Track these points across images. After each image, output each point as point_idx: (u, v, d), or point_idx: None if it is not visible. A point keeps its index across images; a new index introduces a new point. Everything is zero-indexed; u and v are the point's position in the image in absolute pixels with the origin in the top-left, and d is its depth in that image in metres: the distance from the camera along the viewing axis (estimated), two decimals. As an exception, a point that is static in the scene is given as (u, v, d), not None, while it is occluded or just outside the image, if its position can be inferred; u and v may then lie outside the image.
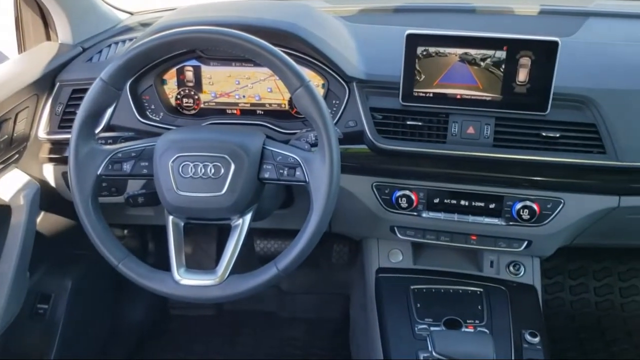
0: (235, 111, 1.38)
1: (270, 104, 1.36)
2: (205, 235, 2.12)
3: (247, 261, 1.09)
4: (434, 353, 1.03)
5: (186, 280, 1.03)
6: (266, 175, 1.04)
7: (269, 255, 2.01)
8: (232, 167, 1.02)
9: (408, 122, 1.24)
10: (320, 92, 1.30)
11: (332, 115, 1.27)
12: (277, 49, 1.00)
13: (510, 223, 1.27)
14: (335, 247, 2.10)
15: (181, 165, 1.02)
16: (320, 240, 2.15)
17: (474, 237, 1.34)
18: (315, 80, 1.31)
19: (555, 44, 1.12)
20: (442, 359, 1.02)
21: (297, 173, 1.03)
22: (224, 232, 1.16)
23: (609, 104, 1.18)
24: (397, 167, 1.28)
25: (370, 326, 1.37)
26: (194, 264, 1.08)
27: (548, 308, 2.10)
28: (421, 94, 1.21)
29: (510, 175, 1.23)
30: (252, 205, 1.07)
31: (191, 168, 1.02)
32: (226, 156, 1.02)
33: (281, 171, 1.03)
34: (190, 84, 1.37)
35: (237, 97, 1.37)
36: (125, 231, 1.95)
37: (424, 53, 1.18)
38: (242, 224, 1.06)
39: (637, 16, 1.53)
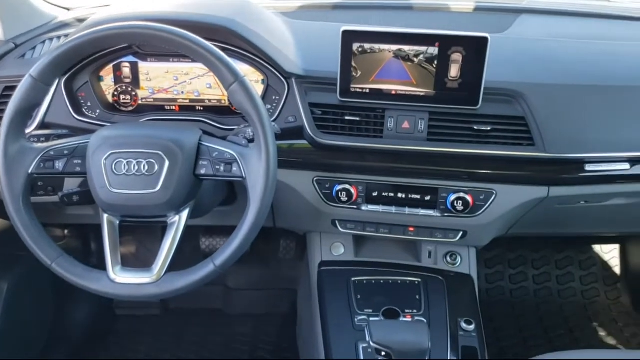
0: (174, 107, 1.37)
1: (209, 100, 1.36)
2: (150, 234, 2.10)
3: (196, 260, 1.08)
4: (371, 343, 1.05)
5: (122, 279, 1.02)
6: (202, 172, 1.04)
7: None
8: (167, 163, 1.01)
9: (346, 118, 1.25)
10: (259, 88, 1.31)
11: (271, 110, 1.28)
12: (210, 44, 1.00)
13: (446, 214, 1.31)
14: (282, 243, 2.11)
15: (114, 163, 1.01)
16: (267, 236, 2.17)
17: (412, 229, 1.37)
18: (254, 76, 1.31)
19: (485, 40, 1.15)
20: (380, 349, 1.04)
21: (234, 169, 1.03)
22: None
23: (537, 97, 1.22)
24: (337, 162, 1.29)
25: (313, 319, 1.39)
26: (138, 264, 1.08)
27: (489, 297, 2.17)
28: (358, 90, 1.23)
29: (444, 168, 1.27)
30: (188, 202, 1.07)
31: (124, 165, 1.01)
32: (160, 152, 1.01)
33: (217, 167, 1.03)
34: (128, 81, 1.35)
35: (175, 93, 1.36)
36: (66, 231, 1.91)
37: (360, 49, 1.20)
38: (179, 221, 1.06)
39: (567, 13, 1.59)
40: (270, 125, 1.00)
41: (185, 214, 1.07)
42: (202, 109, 1.36)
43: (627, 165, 1.25)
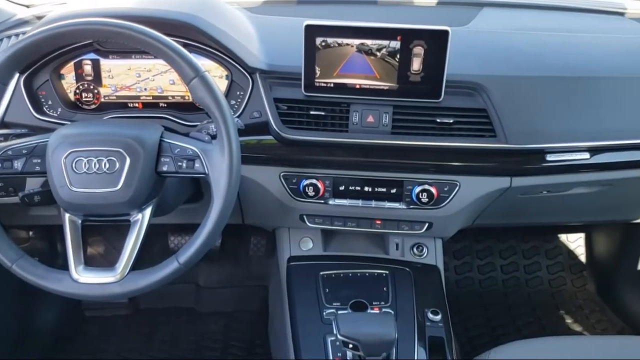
0: (137, 104, 1.35)
1: (173, 97, 1.35)
2: (118, 233, 2.07)
3: (165, 258, 1.07)
4: (338, 336, 1.05)
5: (85, 279, 1.01)
6: (164, 169, 1.03)
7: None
8: (128, 161, 1.00)
9: (311, 112, 1.26)
10: (223, 83, 1.30)
11: (236, 106, 1.28)
12: (169, 40, 0.99)
13: (411, 206, 1.32)
14: (253, 240, 2.11)
15: (74, 161, 1.00)
16: (237, 233, 2.16)
17: (379, 222, 1.38)
18: (218, 72, 1.31)
19: (446, 33, 1.16)
20: (347, 341, 1.05)
21: (196, 165, 1.02)
22: None
23: (498, 89, 1.24)
24: (303, 157, 1.30)
25: (283, 314, 1.39)
26: (106, 264, 1.06)
27: (458, 288, 2.20)
28: (322, 84, 1.24)
29: (409, 160, 1.28)
30: (151, 200, 1.06)
31: (85, 163, 1.00)
32: (121, 150, 1.00)
33: (179, 164, 1.03)
34: (89, 78, 1.33)
35: (138, 90, 1.34)
36: (31, 233, 1.87)
37: (323, 44, 1.20)
38: (142, 219, 1.05)
39: (527, 6, 1.62)
40: (233, 120, 1.00)
41: (148, 211, 1.06)
42: (165, 105, 1.35)
43: (587, 155, 1.28)
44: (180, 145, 1.04)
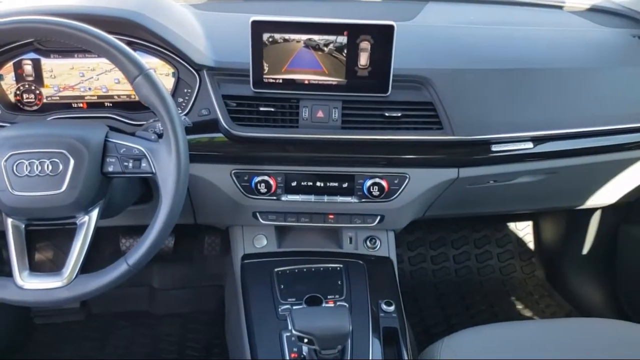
0: (81, 105, 1.32)
1: (119, 96, 1.32)
2: (67, 238, 2.01)
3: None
4: (293, 331, 1.06)
5: (30, 284, 0.98)
6: (110, 169, 1.01)
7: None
8: (72, 162, 0.98)
9: (261, 109, 1.25)
10: (170, 81, 1.28)
11: (184, 104, 1.26)
12: (111, 37, 0.97)
13: (363, 200, 1.33)
14: (207, 239, 2.09)
15: (15, 164, 0.97)
16: (190, 233, 2.13)
17: (332, 216, 1.39)
18: (164, 70, 1.28)
19: (392, 27, 1.18)
20: (302, 336, 1.05)
21: (143, 165, 1.01)
22: None
23: (443, 83, 1.26)
24: (254, 154, 1.29)
25: (238, 313, 1.38)
26: (56, 269, 1.03)
27: (413, 279, 2.24)
28: (271, 80, 1.23)
29: (359, 155, 1.29)
30: (98, 202, 1.04)
31: (26, 166, 0.97)
32: (64, 151, 0.98)
33: (126, 164, 1.01)
34: (30, 79, 1.28)
35: (82, 90, 1.31)
36: None
37: (270, 39, 1.19)
38: (89, 221, 1.03)
39: (471, 0, 1.66)
40: (179, 117, 0.99)
41: (95, 213, 1.03)
42: (111, 105, 1.32)
43: (530, 145, 1.32)
44: (126, 144, 1.02)
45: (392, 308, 1.31)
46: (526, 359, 1.22)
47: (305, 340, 1.06)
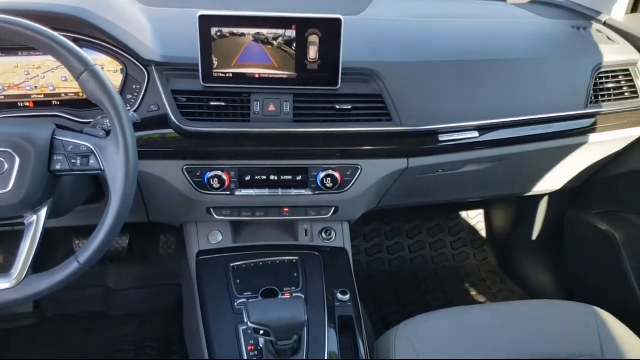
0: (27, 104, 1.29)
1: (66, 94, 1.29)
2: (17, 240, 1.96)
3: None
4: (249, 323, 1.06)
5: (-24, 287, 0.96)
6: (58, 167, 1.00)
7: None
8: (17, 161, 0.96)
9: (212, 103, 1.25)
10: (118, 77, 1.27)
11: (133, 100, 1.24)
12: (54, 33, 0.96)
13: (317, 192, 1.35)
14: (162, 238, 2.07)
15: None
16: (145, 232, 2.10)
17: (287, 209, 1.40)
18: (112, 66, 1.26)
19: (339, 21, 1.19)
20: (258, 328, 1.06)
21: (91, 162, 0.99)
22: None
23: (391, 75, 1.29)
24: (206, 149, 1.29)
25: (195, 309, 1.38)
26: (4, 272, 1.01)
27: (369, 269, 2.27)
28: (221, 75, 1.23)
29: (312, 147, 1.30)
30: (46, 201, 1.02)
31: None
32: (9, 150, 0.96)
33: (74, 161, 0.99)
34: (-29, 78, 1.25)
35: (28, 88, 1.27)
36: None
37: (219, 34, 1.19)
38: (37, 220, 1.01)
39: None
40: (127, 113, 0.98)
41: (43, 213, 1.01)
42: (58, 103, 1.29)
43: (476, 134, 1.36)
44: (73, 142, 1.00)
45: (347, 297, 1.33)
46: (478, 341, 1.26)
47: (261, 332, 1.07)
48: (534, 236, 2.14)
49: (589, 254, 1.92)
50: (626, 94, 1.50)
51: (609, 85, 1.48)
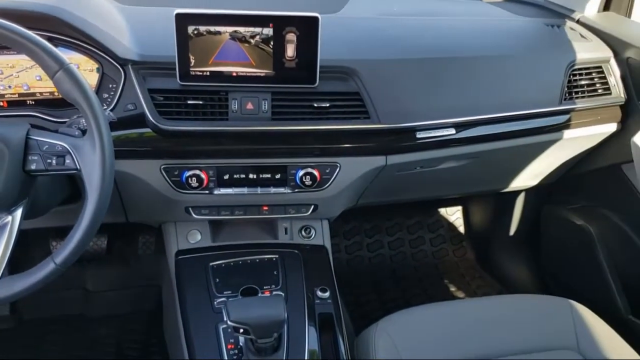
0: (1, 103, 1.27)
1: (41, 93, 1.28)
2: None
3: None
4: (229, 322, 1.06)
5: (-50, 290, 0.95)
6: (33, 167, 0.98)
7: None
8: None
9: (189, 102, 1.24)
10: (94, 76, 1.26)
11: (109, 99, 1.23)
12: (28, 32, 0.94)
13: (296, 190, 1.35)
14: (141, 238, 2.05)
15: None
16: (124, 233, 2.08)
17: (266, 208, 1.40)
18: (88, 65, 1.25)
19: (316, 19, 1.19)
20: (238, 326, 1.06)
21: (67, 161, 0.98)
22: None
23: (368, 73, 1.29)
24: (184, 148, 1.28)
25: (175, 308, 1.38)
26: None
27: (349, 267, 2.28)
28: (198, 73, 1.23)
29: (290, 145, 1.30)
30: (21, 201, 1.00)
31: None
32: None
33: (49, 161, 0.98)
34: (-57, 77, 1.23)
35: (1, 88, 1.26)
36: None
37: (195, 32, 1.19)
38: (12, 221, 0.99)
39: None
40: (102, 112, 0.97)
41: (18, 213, 1.00)
42: (33, 102, 1.28)
43: (452, 131, 1.37)
44: (49, 141, 0.99)
45: (327, 294, 1.34)
46: (456, 335, 1.28)
47: (241, 331, 1.07)
48: (512, 232, 2.17)
49: (565, 249, 1.95)
50: (599, 91, 1.53)
51: (583, 82, 1.50)
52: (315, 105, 1.27)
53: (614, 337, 1.30)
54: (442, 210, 2.41)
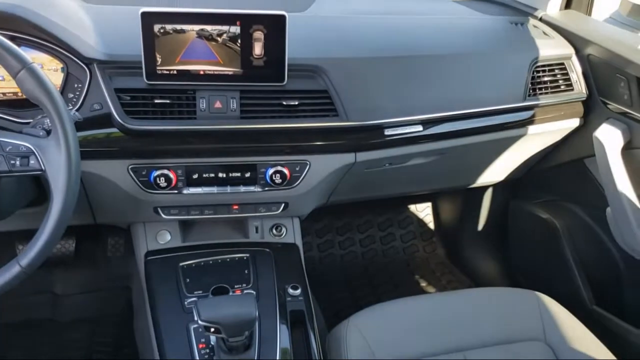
0: (-37, 104, 1.25)
1: (4, 94, 1.25)
2: None
3: None
4: (199, 321, 1.06)
5: None
6: None
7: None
8: None
9: (156, 101, 1.23)
10: (59, 76, 1.24)
11: (74, 99, 1.22)
12: None
13: (266, 188, 1.35)
14: (110, 240, 2.03)
15: None
16: (92, 235, 2.05)
17: (236, 207, 1.40)
18: (53, 65, 1.23)
19: (283, 17, 1.20)
20: (208, 325, 1.05)
21: (32, 162, 0.97)
22: None
23: (336, 71, 1.30)
24: (152, 147, 1.27)
25: (145, 310, 1.36)
26: None
27: (322, 264, 2.29)
28: (165, 72, 1.22)
29: (260, 144, 1.30)
30: None
31: None
32: None
33: (12, 162, 0.97)
34: None
35: (-37, 88, 1.23)
36: None
37: (162, 31, 1.18)
38: (-26, 224, 0.98)
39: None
40: (67, 112, 0.96)
41: None
42: None
43: (420, 127, 1.39)
44: (12, 142, 0.97)
45: (298, 292, 1.34)
46: (426, 329, 1.30)
47: (212, 330, 1.07)
48: (480, 227, 2.21)
49: (532, 242, 1.99)
50: (562, 87, 1.56)
51: (546, 79, 1.54)
52: (284, 103, 1.27)
53: (579, 327, 1.34)
54: (412, 207, 2.44)
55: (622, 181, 1.47)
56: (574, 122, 1.61)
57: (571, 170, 1.74)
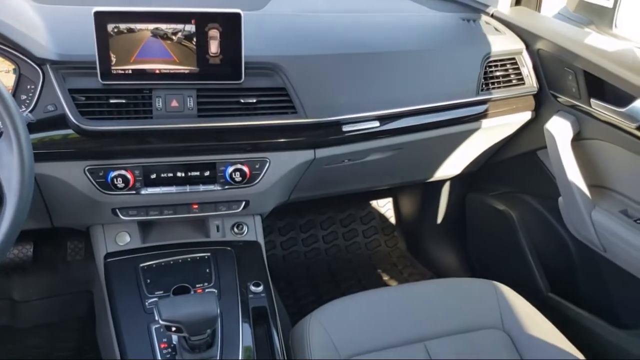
0: None
1: (-48, 96, 1.22)
2: None
3: None
4: (160, 321, 1.05)
5: None
6: None
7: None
8: None
9: (112, 101, 1.22)
10: (11, 78, 1.21)
11: (28, 101, 1.20)
12: None
13: (226, 187, 1.35)
14: (69, 244, 1.99)
15: None
16: (50, 239, 2.01)
17: (196, 206, 1.40)
18: (4, 66, 1.21)
19: (239, 15, 1.20)
20: (170, 325, 1.05)
21: None
22: None
23: (293, 69, 1.31)
24: (109, 148, 1.25)
25: (106, 312, 1.35)
26: None
27: (286, 262, 2.30)
28: (120, 71, 1.21)
29: (218, 142, 1.30)
30: None
31: None
32: None
33: None
34: None
35: None
36: None
37: (116, 30, 1.17)
38: None
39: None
40: (19, 112, 0.95)
41: None
42: None
43: (377, 123, 1.41)
44: None
45: (260, 288, 1.34)
46: (387, 320, 1.32)
47: (174, 329, 1.06)
48: (439, 220, 2.25)
49: (488, 233, 2.04)
50: (514, 81, 1.61)
51: (498, 73, 1.58)
52: (242, 101, 1.28)
53: (536, 314, 1.38)
54: (374, 202, 2.47)
55: (572, 171, 1.52)
56: (526, 116, 1.66)
57: (525, 162, 1.79)
